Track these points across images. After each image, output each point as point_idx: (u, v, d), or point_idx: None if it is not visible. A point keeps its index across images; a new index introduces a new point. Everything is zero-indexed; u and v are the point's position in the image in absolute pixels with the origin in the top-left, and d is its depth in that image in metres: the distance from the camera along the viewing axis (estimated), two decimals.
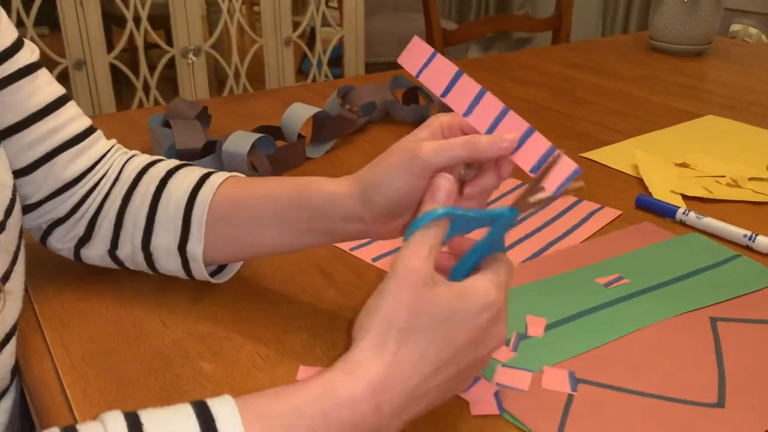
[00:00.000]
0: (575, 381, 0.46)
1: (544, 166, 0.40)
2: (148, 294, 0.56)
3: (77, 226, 0.54)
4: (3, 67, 0.48)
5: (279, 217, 0.49)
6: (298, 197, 0.48)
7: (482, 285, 0.38)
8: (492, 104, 0.42)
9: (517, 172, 0.42)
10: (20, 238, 0.50)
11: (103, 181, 0.54)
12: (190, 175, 0.54)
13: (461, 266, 0.41)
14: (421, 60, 0.45)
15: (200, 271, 0.53)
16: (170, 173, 0.54)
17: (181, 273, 0.54)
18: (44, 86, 0.52)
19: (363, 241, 0.64)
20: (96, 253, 0.55)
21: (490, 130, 0.42)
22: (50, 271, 0.59)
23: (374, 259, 0.61)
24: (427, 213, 0.38)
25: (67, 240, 0.55)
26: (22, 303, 0.50)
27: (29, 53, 0.51)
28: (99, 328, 0.52)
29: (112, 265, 0.56)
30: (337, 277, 0.59)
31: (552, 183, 0.40)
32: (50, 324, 0.52)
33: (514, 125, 0.41)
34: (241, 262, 0.58)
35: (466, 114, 0.43)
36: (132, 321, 0.52)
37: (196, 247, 0.51)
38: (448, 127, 0.44)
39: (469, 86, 0.44)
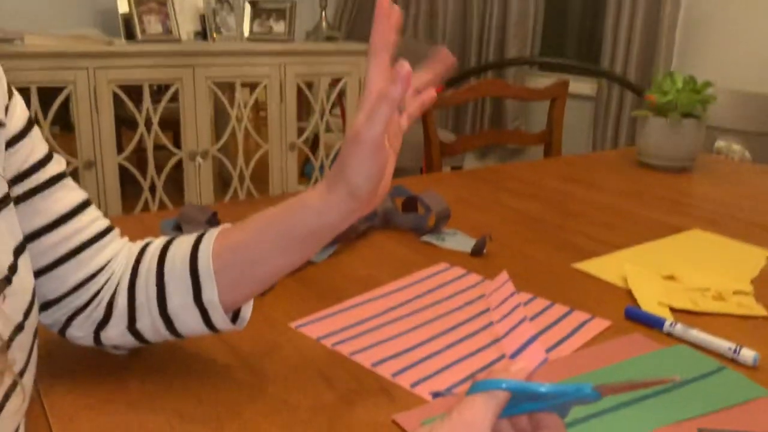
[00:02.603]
0: None
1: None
2: (156, 394, 0.57)
3: (96, 311, 0.58)
4: (36, 176, 0.54)
5: (281, 247, 0.54)
6: (293, 226, 0.54)
7: None
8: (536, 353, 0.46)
9: (532, 286, 0.45)
10: (35, 337, 0.53)
11: (119, 268, 0.59)
12: (187, 238, 0.59)
13: (518, 400, 0.39)
14: (497, 285, 0.51)
15: (221, 319, 0.56)
16: (169, 242, 0.59)
17: (201, 327, 0.57)
18: (70, 192, 0.57)
19: (364, 345, 0.67)
20: (115, 331, 0.58)
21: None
22: (60, 369, 0.61)
23: (374, 365, 0.63)
24: (493, 381, 0.38)
25: (87, 326, 0.58)
26: (29, 400, 0.52)
27: (57, 164, 0.57)
28: (106, 426, 0.53)
29: (132, 340, 0.59)
30: (336, 382, 0.61)
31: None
32: (59, 421, 0.54)
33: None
34: (251, 306, 0.61)
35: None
36: (139, 422, 0.54)
37: (211, 294, 0.55)
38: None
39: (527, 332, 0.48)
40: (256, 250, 0.55)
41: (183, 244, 0.58)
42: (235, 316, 0.60)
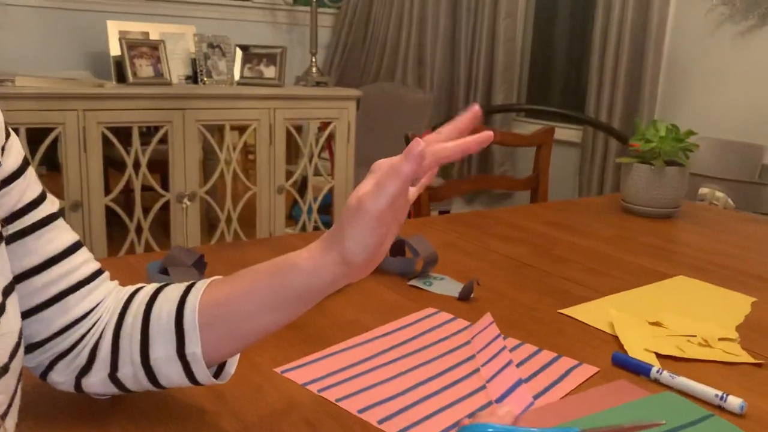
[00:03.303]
0: None
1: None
2: None
3: (79, 357, 0.57)
4: (29, 216, 0.54)
5: (268, 306, 0.54)
6: (281, 285, 0.53)
7: None
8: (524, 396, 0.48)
9: (519, 332, 0.45)
10: (19, 380, 0.52)
11: (106, 314, 0.58)
12: (176, 288, 0.58)
13: None
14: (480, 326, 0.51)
15: (203, 373, 0.55)
16: (157, 291, 0.59)
17: (184, 380, 0.56)
18: (61, 234, 0.57)
19: (350, 391, 0.66)
20: (96, 378, 0.57)
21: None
22: (43, 413, 0.59)
23: (360, 411, 0.63)
24: (480, 425, 0.40)
25: (68, 372, 0.57)
26: None
27: (50, 205, 0.57)
28: None
29: (112, 389, 0.58)
30: (321, 428, 0.60)
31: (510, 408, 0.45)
32: None
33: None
34: (237, 361, 0.61)
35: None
36: None
37: (194, 348, 0.54)
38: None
39: (502, 359, 0.49)
40: (243, 306, 0.55)
41: (171, 294, 0.58)
42: (219, 369, 0.59)
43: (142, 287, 0.61)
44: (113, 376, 0.57)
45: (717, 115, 2.75)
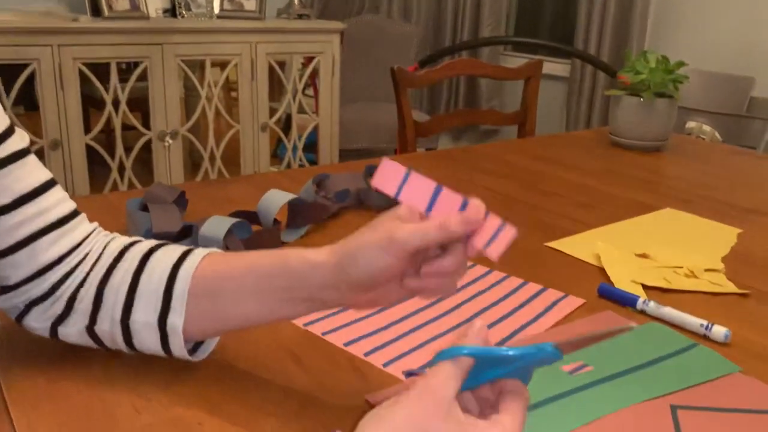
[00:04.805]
0: None
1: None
2: (120, 378, 0.56)
3: (56, 305, 0.55)
4: None
5: (259, 287, 0.51)
6: (279, 266, 0.51)
7: None
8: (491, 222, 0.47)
9: (506, 265, 0.44)
10: None
11: (84, 262, 0.56)
12: (173, 252, 0.56)
13: (481, 368, 0.39)
14: (396, 180, 0.48)
15: (179, 346, 0.54)
16: (152, 250, 0.56)
17: (158, 349, 0.54)
18: (33, 171, 0.54)
19: (335, 325, 0.66)
20: (74, 329, 0.55)
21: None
22: (20, 353, 0.59)
23: (346, 344, 0.62)
24: (455, 348, 0.39)
25: (45, 319, 0.55)
26: None
27: (19, 140, 0.54)
28: (69, 412, 0.51)
29: (89, 341, 0.56)
30: (307, 361, 0.60)
31: (495, 250, 0.47)
32: (19, 407, 0.52)
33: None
34: (217, 340, 0.59)
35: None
36: (103, 405, 0.52)
37: (176, 320, 0.53)
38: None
39: (451, 198, 0.47)
40: (233, 285, 0.52)
41: (167, 256, 0.55)
42: (196, 346, 0.57)
43: (137, 241, 0.58)
44: (91, 329, 0.55)
45: (707, 48, 2.71)
